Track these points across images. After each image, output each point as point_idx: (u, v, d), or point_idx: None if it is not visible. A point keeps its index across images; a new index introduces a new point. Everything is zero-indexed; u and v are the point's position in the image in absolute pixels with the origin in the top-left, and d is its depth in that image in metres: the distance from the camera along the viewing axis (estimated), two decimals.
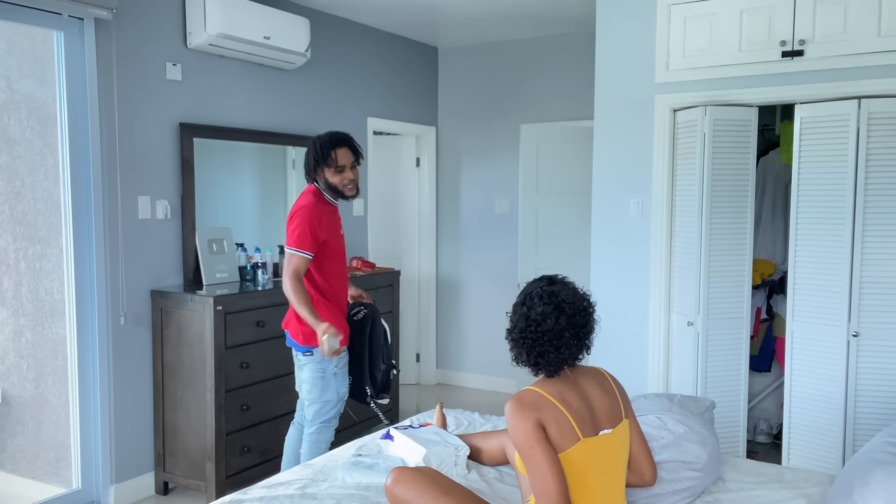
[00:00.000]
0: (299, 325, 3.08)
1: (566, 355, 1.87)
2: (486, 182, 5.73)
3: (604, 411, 1.91)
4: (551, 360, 1.86)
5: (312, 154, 3.10)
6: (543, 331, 1.85)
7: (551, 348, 1.85)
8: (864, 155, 3.22)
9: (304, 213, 3.03)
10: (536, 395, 1.85)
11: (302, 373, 3.14)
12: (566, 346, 1.86)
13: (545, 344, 1.85)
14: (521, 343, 1.89)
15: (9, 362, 3.68)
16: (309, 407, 3.16)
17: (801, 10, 3.37)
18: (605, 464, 1.88)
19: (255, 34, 3.95)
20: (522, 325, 1.89)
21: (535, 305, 1.87)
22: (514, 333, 1.91)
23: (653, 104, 3.78)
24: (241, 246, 4.18)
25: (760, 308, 4.50)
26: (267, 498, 2.24)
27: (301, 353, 3.11)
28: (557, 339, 1.85)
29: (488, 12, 4.81)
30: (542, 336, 1.85)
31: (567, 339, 1.85)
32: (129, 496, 3.66)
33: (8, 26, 3.35)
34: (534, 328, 1.86)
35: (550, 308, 1.85)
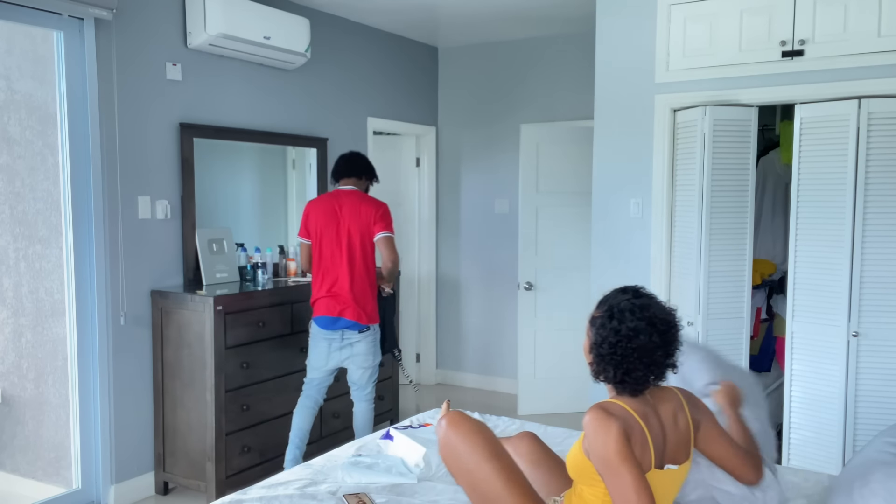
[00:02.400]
0: (365, 307, 3.65)
1: (655, 373, 1.79)
2: (486, 182, 5.73)
3: (673, 444, 1.81)
4: (638, 377, 1.77)
5: (370, 168, 3.86)
6: (635, 347, 1.75)
7: (640, 365, 1.76)
8: (864, 155, 3.22)
9: (388, 207, 3.76)
10: (623, 409, 1.75)
11: (354, 348, 3.67)
12: (656, 364, 1.78)
13: (635, 361, 1.76)
14: (608, 359, 1.79)
15: (9, 362, 3.68)
16: (364, 374, 3.73)
17: (801, 10, 3.37)
18: (660, 500, 1.78)
19: (255, 34, 3.95)
20: (613, 339, 1.77)
21: (627, 320, 1.77)
22: (602, 349, 1.80)
23: (653, 104, 3.78)
24: (241, 246, 4.18)
25: (760, 308, 4.50)
26: (267, 498, 2.24)
27: (358, 330, 3.64)
28: (648, 357, 1.76)
29: (488, 12, 4.81)
30: (632, 352, 1.75)
31: (658, 357, 1.77)
32: (129, 496, 3.66)
33: (8, 26, 3.35)
34: (625, 344, 1.76)
35: (643, 324, 1.76)
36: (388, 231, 3.65)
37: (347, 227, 3.62)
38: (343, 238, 3.62)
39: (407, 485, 2.38)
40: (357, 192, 3.73)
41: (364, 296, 3.64)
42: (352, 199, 3.68)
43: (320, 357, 3.68)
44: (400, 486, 2.37)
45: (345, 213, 3.64)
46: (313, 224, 3.68)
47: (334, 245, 3.62)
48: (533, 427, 3.06)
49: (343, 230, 3.62)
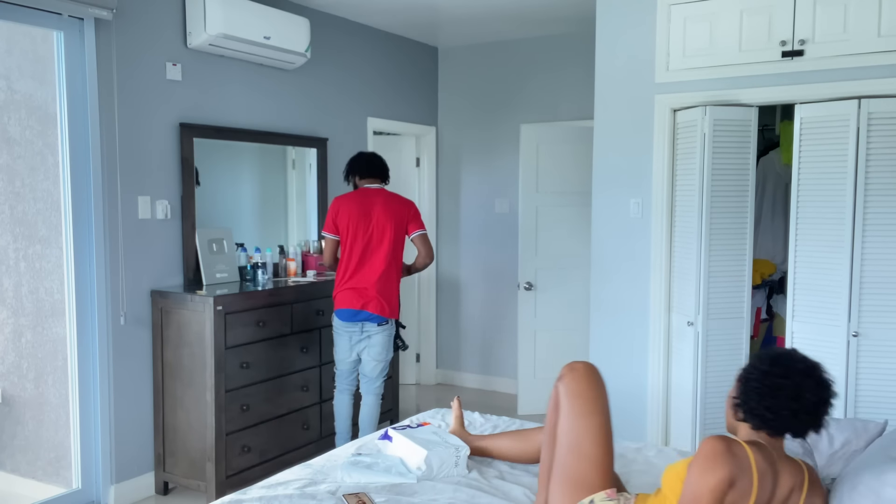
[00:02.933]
0: (390, 301, 3.79)
1: (799, 420, 1.75)
2: (486, 182, 5.73)
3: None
4: (782, 416, 1.74)
5: (388, 168, 3.97)
6: (785, 384, 1.73)
7: (787, 402, 1.74)
8: (864, 155, 3.22)
9: (415, 204, 3.94)
10: (745, 455, 1.69)
11: (371, 340, 3.80)
12: (802, 410, 1.74)
13: (783, 398, 1.73)
14: (755, 390, 1.77)
15: (9, 362, 3.68)
16: (376, 367, 3.85)
17: (801, 10, 3.37)
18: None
19: (255, 34, 3.95)
20: (765, 368, 1.77)
21: (783, 361, 1.77)
22: (751, 380, 1.78)
23: (653, 104, 3.78)
24: (241, 246, 4.18)
25: (760, 308, 4.50)
26: (266, 498, 2.24)
27: (377, 323, 3.77)
28: (796, 398, 1.73)
29: (488, 12, 4.81)
30: (782, 388, 1.73)
31: (806, 402, 1.73)
32: (129, 496, 3.66)
33: (8, 26, 3.35)
34: (775, 378, 1.74)
35: (800, 365, 1.76)
36: (424, 228, 3.89)
37: (380, 224, 3.76)
38: (375, 234, 3.76)
39: (406, 485, 2.38)
40: (385, 191, 3.89)
41: (390, 290, 3.80)
42: (383, 196, 3.84)
43: (344, 349, 3.87)
44: (399, 485, 2.37)
45: (377, 210, 3.77)
46: (344, 220, 3.78)
47: (366, 241, 3.76)
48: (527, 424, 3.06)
49: (375, 227, 3.76)
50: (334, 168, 4.92)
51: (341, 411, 3.94)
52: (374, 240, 3.77)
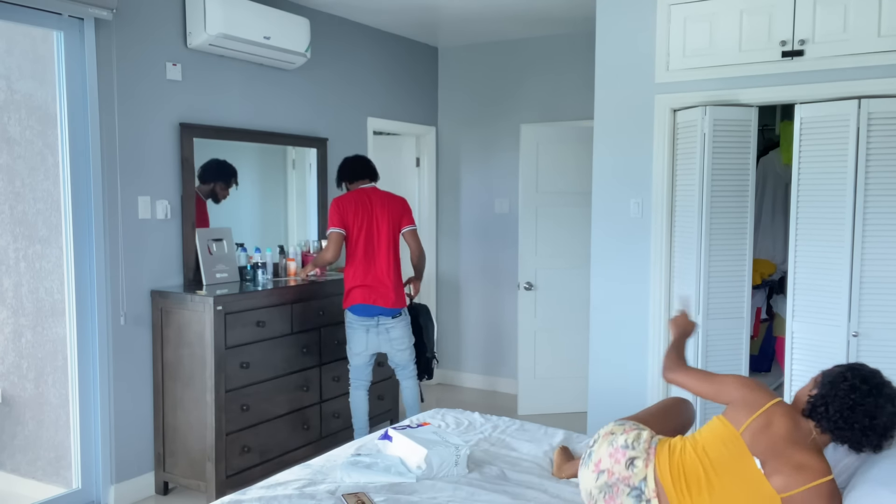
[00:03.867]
0: (399, 293, 3.96)
1: (867, 439, 1.94)
2: (486, 182, 5.73)
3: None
4: (854, 430, 1.94)
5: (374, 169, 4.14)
6: (875, 411, 1.92)
7: (863, 425, 1.93)
8: (864, 155, 3.22)
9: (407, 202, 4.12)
10: (773, 402, 2.04)
11: (390, 333, 3.98)
12: (874, 432, 1.93)
13: (865, 418, 1.92)
14: (844, 401, 1.94)
15: (9, 362, 3.69)
16: (403, 354, 4.05)
17: (801, 11, 3.37)
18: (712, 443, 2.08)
19: (255, 34, 3.95)
20: (867, 390, 1.94)
21: (886, 394, 1.94)
22: (852, 393, 1.94)
23: (653, 104, 3.78)
24: (241, 246, 4.18)
25: (760, 308, 4.50)
26: (266, 498, 2.25)
27: (392, 316, 3.96)
28: (871, 420, 1.92)
29: (488, 12, 4.81)
30: (871, 416, 1.92)
31: (881, 429, 1.92)
32: (129, 496, 3.66)
33: (8, 26, 3.35)
34: (872, 405, 1.93)
35: (892, 407, 1.94)
36: (414, 224, 4.07)
37: (380, 221, 3.94)
38: (377, 231, 3.93)
39: (406, 484, 2.38)
40: (378, 189, 4.06)
41: (397, 283, 3.98)
42: (379, 195, 4.02)
43: (360, 343, 3.98)
44: (398, 485, 2.38)
45: (376, 208, 3.95)
46: (350, 217, 3.91)
47: (370, 238, 3.92)
48: (532, 427, 3.06)
49: (377, 224, 3.94)
50: (334, 168, 4.91)
51: (358, 407, 4.06)
52: (375, 236, 3.92)
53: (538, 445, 2.82)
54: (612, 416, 2.23)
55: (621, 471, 2.08)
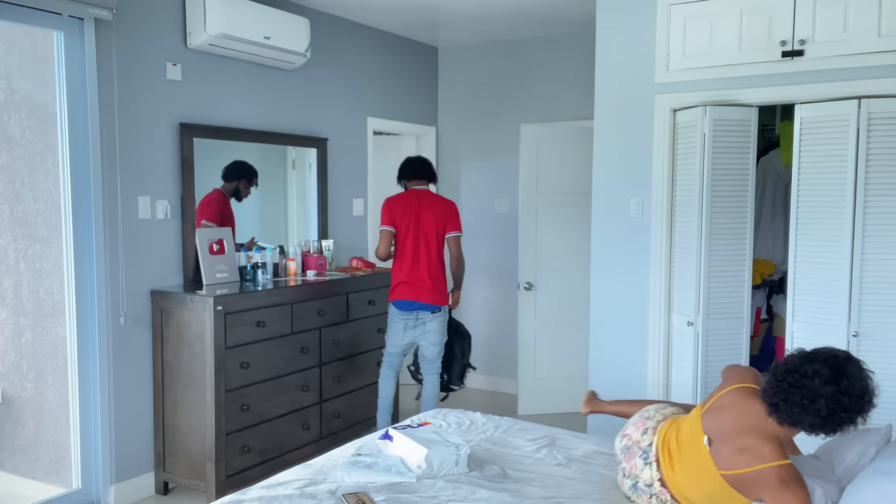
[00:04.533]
0: (441, 291, 4.20)
1: (812, 421, 1.93)
2: (486, 182, 5.73)
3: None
4: (792, 413, 1.94)
5: (434, 170, 4.39)
6: (813, 394, 1.91)
7: (800, 405, 1.93)
8: (864, 155, 3.22)
9: (454, 206, 4.30)
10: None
11: (426, 326, 4.20)
12: (817, 415, 1.92)
13: (802, 399, 1.92)
14: (781, 383, 1.98)
15: (9, 362, 3.69)
16: (433, 349, 4.25)
17: (801, 10, 3.37)
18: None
19: (255, 34, 3.95)
20: (791, 366, 1.98)
21: (824, 376, 1.92)
22: (788, 376, 1.97)
23: (653, 104, 3.78)
24: (242, 246, 4.18)
25: (760, 308, 4.50)
26: (266, 498, 2.25)
27: (431, 311, 4.18)
28: (810, 403, 1.92)
29: (488, 12, 4.81)
30: (809, 398, 1.92)
31: (826, 411, 1.91)
32: (129, 496, 3.66)
33: (8, 26, 3.35)
34: (810, 387, 1.92)
35: (833, 390, 1.91)
36: (459, 231, 4.28)
37: (427, 222, 4.17)
38: (423, 232, 4.16)
39: (406, 484, 2.38)
40: (432, 193, 4.29)
41: (439, 281, 4.20)
42: (430, 199, 4.24)
43: (397, 335, 4.23)
44: (399, 485, 2.38)
45: (423, 209, 4.18)
46: (398, 216, 4.17)
47: (416, 238, 4.16)
48: (534, 427, 3.06)
49: (423, 225, 4.17)
50: (334, 168, 4.92)
51: (385, 388, 4.30)
52: (422, 237, 4.16)
53: (540, 445, 2.82)
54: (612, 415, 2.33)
55: (637, 436, 2.39)
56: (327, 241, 4.69)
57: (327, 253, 4.65)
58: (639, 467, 2.31)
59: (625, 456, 2.40)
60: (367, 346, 4.55)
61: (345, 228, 5.06)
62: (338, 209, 4.98)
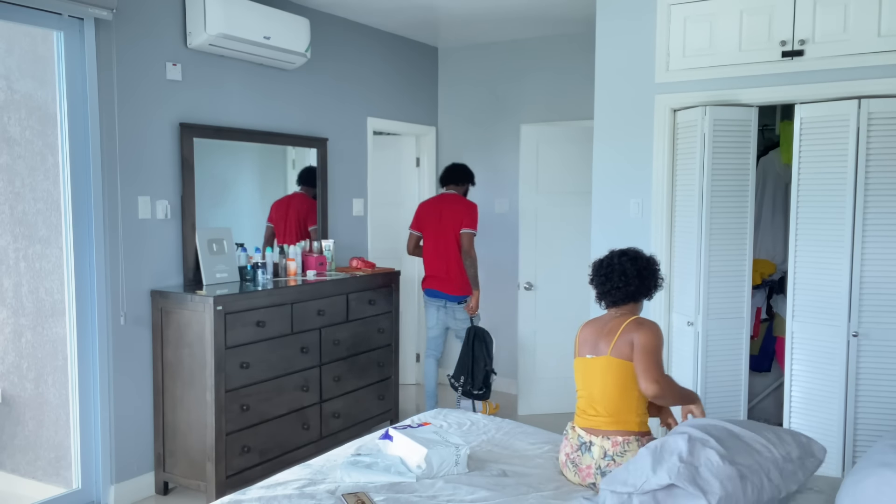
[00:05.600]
0: (462, 285, 4.72)
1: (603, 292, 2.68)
2: (486, 182, 5.72)
3: (600, 343, 2.61)
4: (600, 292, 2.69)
5: (468, 175, 4.91)
6: (602, 274, 2.68)
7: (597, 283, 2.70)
8: (864, 155, 3.22)
9: (471, 206, 4.76)
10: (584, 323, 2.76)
11: (456, 314, 4.80)
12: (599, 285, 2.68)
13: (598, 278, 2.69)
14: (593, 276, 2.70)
15: (9, 362, 3.69)
16: (463, 329, 4.77)
17: (801, 11, 3.37)
18: (584, 381, 2.66)
19: (255, 34, 3.95)
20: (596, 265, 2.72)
21: (605, 260, 2.71)
22: (593, 269, 2.73)
23: (653, 104, 3.78)
24: (241, 246, 4.18)
25: (760, 308, 4.50)
26: (266, 498, 2.25)
27: (458, 302, 4.77)
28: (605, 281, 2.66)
29: (488, 12, 4.81)
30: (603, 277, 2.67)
31: (602, 279, 2.67)
32: (129, 496, 3.67)
33: (8, 26, 3.35)
34: (600, 270, 2.69)
35: (604, 267, 2.68)
36: (471, 228, 4.69)
37: (446, 222, 4.69)
38: (442, 231, 4.69)
39: (405, 483, 2.38)
40: (455, 195, 4.79)
41: (457, 274, 4.72)
42: (451, 200, 4.77)
43: (432, 318, 4.87)
44: (398, 484, 2.38)
45: (444, 212, 4.71)
46: (422, 219, 4.80)
47: (437, 237, 4.71)
48: (535, 430, 3.06)
49: (443, 224, 4.69)
50: (334, 168, 4.92)
51: (429, 374, 4.86)
52: (441, 236, 4.69)
53: (541, 446, 2.82)
54: None
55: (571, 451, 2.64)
56: (327, 241, 4.69)
57: (327, 253, 4.65)
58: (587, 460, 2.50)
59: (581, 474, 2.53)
60: (367, 346, 4.55)
61: (345, 228, 5.06)
62: (338, 209, 4.98)
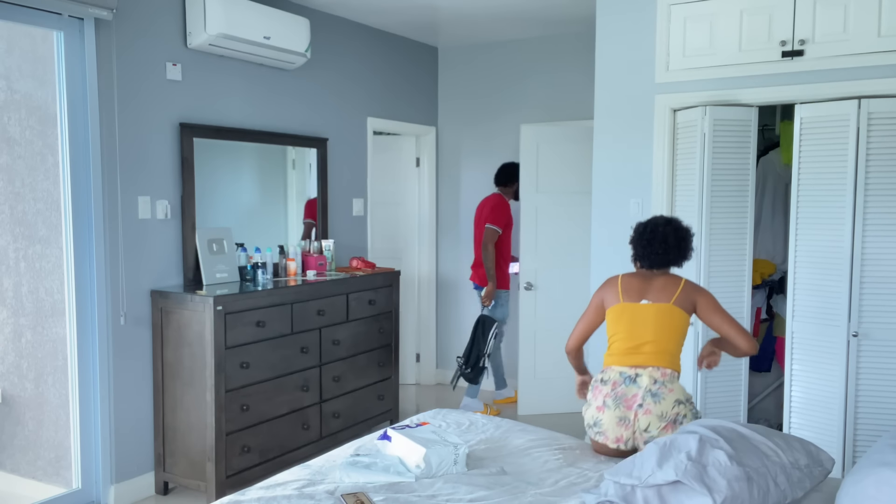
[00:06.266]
0: (481, 275, 5.11)
1: (646, 257, 2.87)
2: (487, 182, 5.72)
3: (651, 294, 2.81)
4: (640, 255, 2.91)
5: (511, 173, 5.19)
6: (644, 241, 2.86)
7: (641, 248, 2.88)
8: (864, 155, 3.22)
9: (499, 204, 5.09)
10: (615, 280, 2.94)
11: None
12: (644, 252, 2.88)
13: (645, 247, 2.86)
14: (633, 240, 2.90)
15: (9, 362, 3.69)
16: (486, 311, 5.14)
17: (801, 11, 3.37)
18: (638, 324, 2.80)
19: (255, 34, 3.95)
20: (639, 231, 2.90)
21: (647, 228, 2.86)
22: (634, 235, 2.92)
23: (653, 104, 3.78)
24: (241, 246, 4.18)
25: (760, 308, 4.50)
26: (265, 499, 2.25)
27: (480, 291, 5.14)
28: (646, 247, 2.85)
29: (488, 12, 4.81)
30: (645, 242, 2.85)
31: (647, 248, 2.85)
32: (129, 496, 3.67)
33: (8, 26, 3.35)
34: (644, 236, 2.86)
35: (648, 236, 2.84)
36: (491, 223, 4.99)
37: (479, 220, 5.12)
38: (477, 227, 5.14)
39: (405, 483, 2.38)
40: (494, 195, 5.13)
41: (479, 266, 5.11)
42: (488, 199, 5.13)
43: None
44: (398, 484, 2.38)
45: (481, 209, 5.13)
46: (474, 218, 5.24)
47: (475, 232, 5.18)
48: (534, 429, 3.06)
49: (478, 222, 5.13)
50: (334, 168, 4.92)
51: (496, 361, 5.30)
52: (477, 231, 5.13)
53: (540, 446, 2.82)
54: None
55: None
56: (327, 241, 4.69)
57: (327, 253, 4.65)
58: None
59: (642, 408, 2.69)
60: (366, 346, 4.55)
61: (345, 228, 5.06)
62: (338, 209, 4.98)
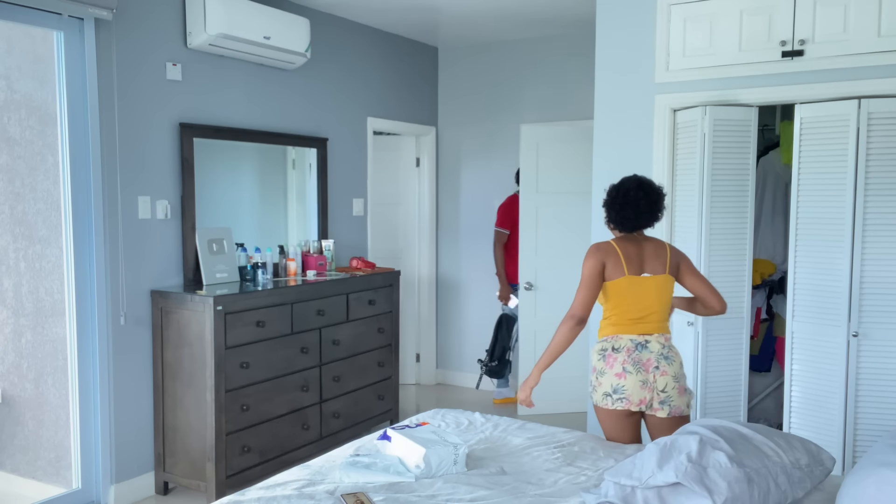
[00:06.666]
0: (510, 275, 5.30)
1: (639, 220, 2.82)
2: (486, 182, 5.73)
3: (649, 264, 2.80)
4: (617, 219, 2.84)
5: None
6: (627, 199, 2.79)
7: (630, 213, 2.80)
8: (864, 155, 3.22)
9: (508, 205, 5.30)
10: (610, 245, 2.83)
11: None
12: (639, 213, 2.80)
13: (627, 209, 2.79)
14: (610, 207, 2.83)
15: (9, 362, 3.69)
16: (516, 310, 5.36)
17: (801, 11, 3.37)
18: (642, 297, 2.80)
19: (255, 34, 3.95)
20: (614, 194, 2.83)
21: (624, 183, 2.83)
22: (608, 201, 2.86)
23: (653, 104, 3.78)
24: (241, 246, 4.18)
25: (760, 308, 4.49)
26: (265, 499, 2.25)
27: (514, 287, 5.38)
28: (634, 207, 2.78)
29: (488, 12, 4.81)
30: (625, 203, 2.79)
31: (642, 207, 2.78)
32: (129, 496, 3.67)
33: (8, 26, 3.35)
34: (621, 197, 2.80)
35: (634, 183, 2.81)
36: (497, 226, 5.30)
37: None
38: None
39: (404, 483, 2.38)
40: (514, 194, 5.26)
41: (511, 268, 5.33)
42: (507, 199, 5.35)
43: None
44: (397, 484, 2.38)
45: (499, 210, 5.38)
46: None
47: None
48: (534, 427, 3.06)
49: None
50: (334, 168, 4.92)
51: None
52: None
53: (539, 444, 2.82)
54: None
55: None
56: (327, 241, 4.70)
57: (327, 253, 4.65)
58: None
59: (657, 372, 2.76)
60: (367, 346, 4.55)
61: (345, 228, 5.06)
62: (338, 209, 4.99)
